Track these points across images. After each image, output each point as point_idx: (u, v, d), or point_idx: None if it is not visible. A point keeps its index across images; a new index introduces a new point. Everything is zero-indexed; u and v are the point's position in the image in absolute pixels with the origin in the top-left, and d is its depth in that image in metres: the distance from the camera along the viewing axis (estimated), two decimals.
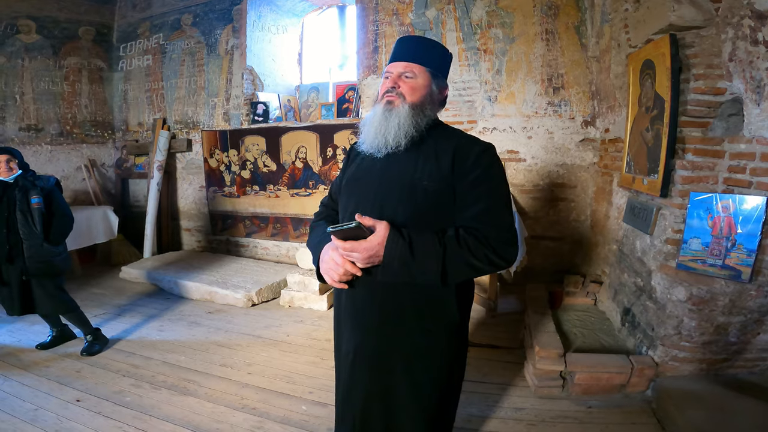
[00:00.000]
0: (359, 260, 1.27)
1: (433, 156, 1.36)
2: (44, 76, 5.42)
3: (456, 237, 1.26)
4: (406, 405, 1.43)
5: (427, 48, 1.42)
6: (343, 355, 1.51)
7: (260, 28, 5.26)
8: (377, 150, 1.38)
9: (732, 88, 2.25)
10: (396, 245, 1.24)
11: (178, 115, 5.66)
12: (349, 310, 1.47)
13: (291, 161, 4.97)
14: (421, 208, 1.33)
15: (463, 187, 1.33)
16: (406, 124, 1.34)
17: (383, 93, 1.40)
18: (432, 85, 1.41)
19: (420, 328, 1.39)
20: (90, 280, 4.91)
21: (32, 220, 2.86)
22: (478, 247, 1.26)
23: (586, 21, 3.86)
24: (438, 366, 1.43)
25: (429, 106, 1.40)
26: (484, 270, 1.30)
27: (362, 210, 1.31)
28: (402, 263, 1.24)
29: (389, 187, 1.36)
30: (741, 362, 2.35)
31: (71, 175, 5.67)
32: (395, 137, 1.34)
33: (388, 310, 1.39)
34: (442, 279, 1.26)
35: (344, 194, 1.51)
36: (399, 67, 1.39)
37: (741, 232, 2.14)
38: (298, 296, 4.08)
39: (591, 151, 3.99)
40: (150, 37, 5.74)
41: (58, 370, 2.87)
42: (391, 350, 1.41)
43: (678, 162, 2.41)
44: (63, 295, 3.07)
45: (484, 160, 1.34)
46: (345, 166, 1.60)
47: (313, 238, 1.55)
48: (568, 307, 3.38)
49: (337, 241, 1.27)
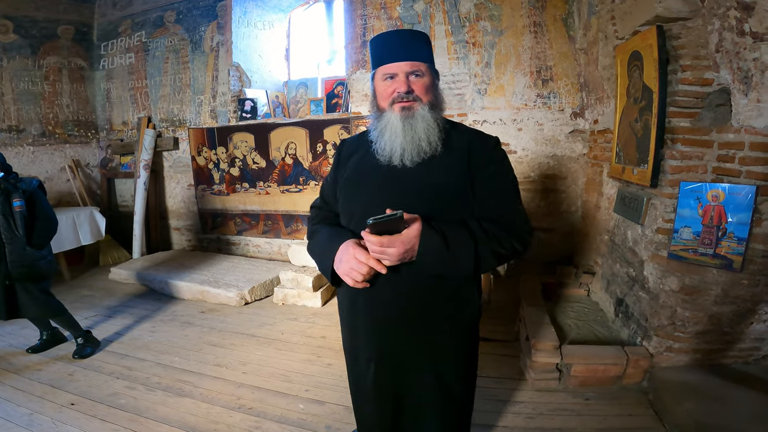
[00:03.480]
0: (394, 255, 1.20)
1: (448, 153, 1.33)
2: (23, 76, 5.29)
3: (482, 228, 1.27)
4: (434, 403, 1.43)
5: (420, 41, 1.35)
6: (364, 360, 1.46)
7: (246, 24, 5.19)
8: (410, 162, 1.31)
9: (719, 79, 2.27)
10: (431, 239, 1.22)
11: (163, 113, 5.57)
12: (369, 312, 1.40)
13: (281, 157, 4.92)
14: (442, 203, 1.31)
15: (481, 181, 1.33)
16: (434, 126, 1.31)
17: (391, 97, 1.31)
18: (435, 80, 1.37)
19: (445, 323, 1.38)
20: (79, 282, 4.83)
21: (14, 223, 2.79)
22: (504, 236, 1.28)
23: (573, 13, 3.87)
24: (463, 360, 1.45)
25: (441, 102, 1.37)
26: (508, 258, 1.33)
27: (372, 210, 1.23)
28: (438, 256, 1.22)
29: (405, 186, 1.32)
30: (735, 352, 2.39)
31: (55, 176, 5.55)
32: (430, 143, 1.30)
33: (413, 307, 1.36)
34: (475, 269, 1.26)
35: (348, 196, 1.43)
36: (404, 66, 1.30)
37: (731, 221, 2.17)
38: (292, 293, 4.05)
39: (580, 142, 4.02)
40: (132, 35, 5.63)
41: (50, 374, 2.83)
42: (418, 349, 1.40)
43: (667, 152, 2.43)
44: (49, 299, 3.01)
45: (497, 154, 1.37)
46: (337, 166, 1.52)
47: (317, 242, 1.46)
48: (562, 299, 3.40)
49: (370, 236, 1.20)
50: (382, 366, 1.42)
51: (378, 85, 1.36)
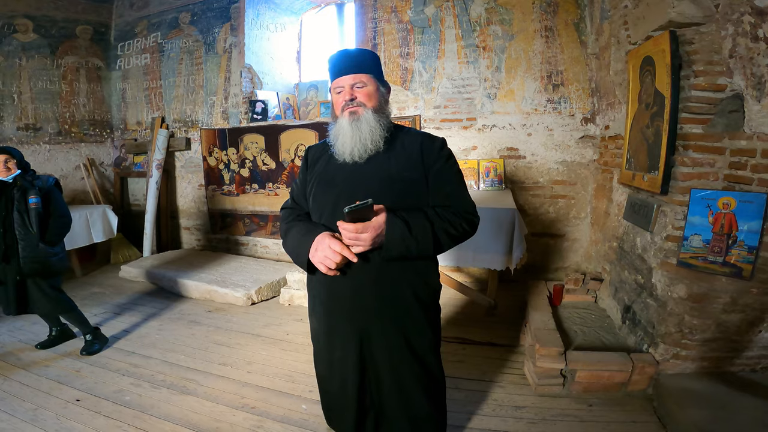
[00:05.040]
0: (368, 240, 1.39)
1: (402, 151, 1.57)
2: (42, 76, 5.39)
3: (436, 213, 1.50)
4: (413, 375, 1.61)
5: (362, 57, 1.57)
6: (339, 345, 1.63)
7: (258, 26, 5.24)
8: (359, 157, 1.52)
9: (732, 85, 2.24)
10: (396, 225, 1.41)
11: (176, 114, 5.65)
12: (344, 299, 1.56)
13: (290, 159, 4.95)
14: (401, 195, 1.52)
15: (433, 174, 1.57)
16: (377, 127, 1.52)
17: (341, 106, 1.53)
18: (380, 88, 1.59)
19: (415, 300, 1.58)
20: (89, 279, 4.90)
21: (29, 220, 2.85)
22: (455, 220, 1.51)
23: (585, 18, 3.85)
24: (432, 331, 1.66)
25: (385, 106, 1.60)
26: (460, 239, 1.54)
27: (342, 202, 1.42)
28: (402, 239, 1.42)
29: (368, 181, 1.52)
30: (743, 360, 2.35)
31: (70, 174, 5.65)
32: (373, 141, 1.52)
33: (386, 289, 1.54)
34: (434, 249, 1.49)
35: (318, 194, 1.61)
36: (347, 80, 1.53)
37: (742, 229, 2.13)
38: (298, 294, 4.07)
39: (591, 148, 3.99)
40: (148, 35, 5.72)
41: (57, 370, 2.87)
42: (394, 325, 1.57)
43: (678, 158, 2.40)
44: (60, 295, 3.05)
45: (444, 152, 1.61)
46: (306, 170, 1.71)
47: (293, 236, 1.60)
48: (569, 305, 3.37)
49: (346, 224, 1.37)
50: (362, 344, 1.58)
51: (333, 97, 1.60)
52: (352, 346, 1.59)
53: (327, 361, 1.72)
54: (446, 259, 3.29)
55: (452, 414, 2.05)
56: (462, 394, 2.54)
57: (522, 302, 3.50)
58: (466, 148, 4.33)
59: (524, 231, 3.31)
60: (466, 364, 2.88)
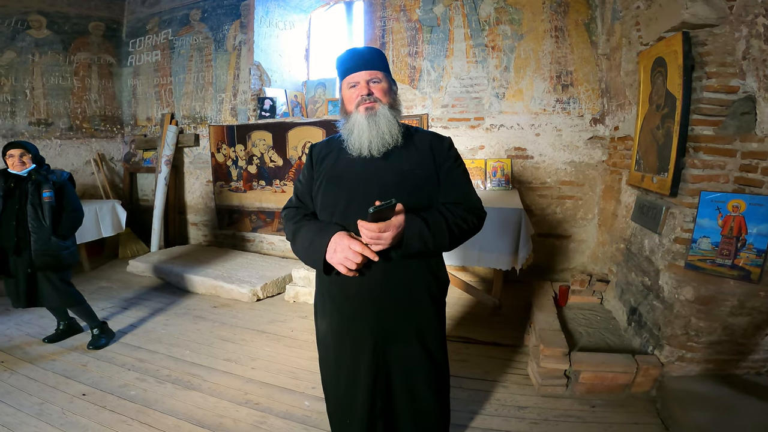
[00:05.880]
0: (389, 238, 1.38)
1: (414, 149, 1.59)
2: (54, 72, 5.46)
3: (448, 209, 1.52)
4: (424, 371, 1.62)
5: (374, 54, 1.58)
6: (351, 346, 1.61)
7: (268, 24, 5.26)
8: (377, 152, 1.51)
9: (745, 87, 2.21)
10: (415, 222, 1.42)
11: (185, 110, 5.69)
12: (360, 298, 1.55)
13: (297, 156, 4.97)
14: (413, 191, 1.53)
15: (443, 172, 1.59)
16: (393, 122, 1.53)
17: (356, 101, 1.52)
18: (392, 85, 1.61)
19: (428, 296, 1.60)
20: (98, 273, 4.95)
21: (42, 213, 2.88)
22: (465, 215, 1.54)
23: (596, 18, 3.82)
24: (441, 329, 1.68)
25: (398, 104, 1.61)
26: (470, 233, 1.57)
27: (356, 199, 1.47)
28: (421, 235, 1.43)
29: (381, 177, 1.52)
30: (748, 363, 2.32)
31: (80, 169, 5.71)
32: (392, 135, 1.52)
33: (400, 286, 1.55)
34: (450, 244, 1.51)
35: (328, 191, 1.58)
36: (363, 75, 1.53)
37: (752, 232, 2.11)
38: (303, 291, 4.08)
39: (599, 148, 3.96)
40: (159, 32, 5.77)
41: (64, 364, 2.90)
42: (407, 323, 1.58)
43: (689, 160, 2.37)
44: (69, 289, 3.08)
45: (452, 152, 1.64)
46: (311, 168, 1.67)
47: (303, 236, 1.55)
48: (574, 306, 3.35)
49: (368, 224, 1.36)
50: (375, 344, 1.57)
51: (345, 93, 1.58)
52: (364, 347, 1.57)
53: (335, 366, 1.68)
54: (452, 258, 3.28)
55: (455, 413, 2.05)
56: (465, 393, 2.53)
57: (527, 303, 3.48)
58: (474, 147, 4.31)
59: (531, 231, 3.30)
60: (470, 363, 2.87)
